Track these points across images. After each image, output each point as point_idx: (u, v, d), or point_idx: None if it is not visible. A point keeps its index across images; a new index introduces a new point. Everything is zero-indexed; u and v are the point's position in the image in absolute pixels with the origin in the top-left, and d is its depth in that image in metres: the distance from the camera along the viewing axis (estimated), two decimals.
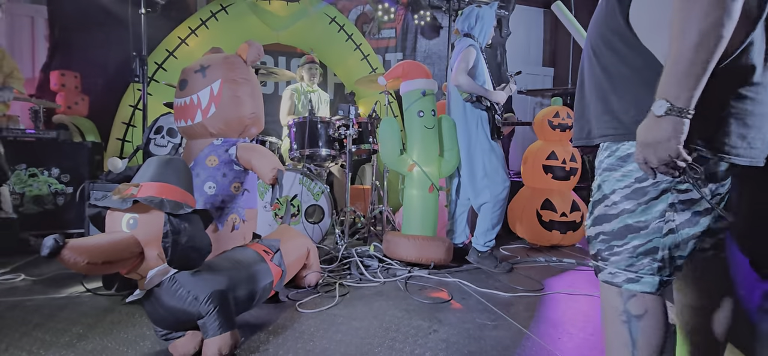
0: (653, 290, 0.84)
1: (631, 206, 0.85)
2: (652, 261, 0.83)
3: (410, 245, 2.39)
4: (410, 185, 2.54)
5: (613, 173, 0.88)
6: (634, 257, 0.85)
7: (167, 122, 2.80)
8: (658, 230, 0.82)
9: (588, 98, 0.96)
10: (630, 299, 0.86)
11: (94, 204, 1.32)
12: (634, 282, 0.85)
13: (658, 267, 0.83)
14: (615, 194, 0.87)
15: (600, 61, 0.91)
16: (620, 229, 0.86)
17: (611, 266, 0.88)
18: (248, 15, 4.26)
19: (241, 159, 1.86)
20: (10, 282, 2.04)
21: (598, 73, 0.92)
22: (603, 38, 0.90)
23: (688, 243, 0.82)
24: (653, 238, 0.83)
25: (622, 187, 0.86)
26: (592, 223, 0.93)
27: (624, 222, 0.85)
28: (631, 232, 0.85)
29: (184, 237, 1.29)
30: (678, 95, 0.73)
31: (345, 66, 4.71)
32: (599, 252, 0.91)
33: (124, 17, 3.90)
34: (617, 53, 0.87)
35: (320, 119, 2.91)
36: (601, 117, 0.90)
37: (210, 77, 1.83)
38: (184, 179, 1.44)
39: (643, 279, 0.84)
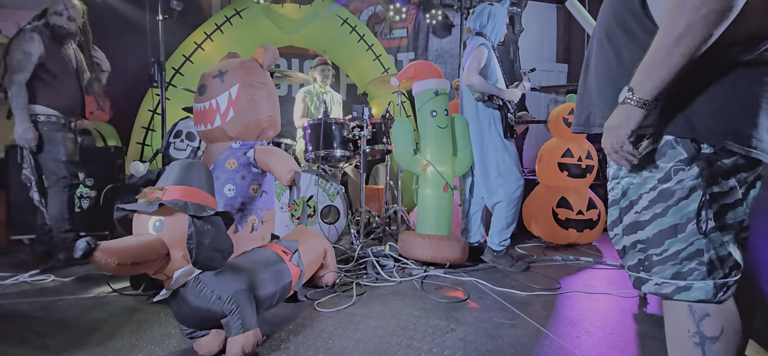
0: (708, 296, 0.76)
1: (660, 209, 0.79)
2: (700, 265, 0.76)
3: (425, 244, 2.40)
4: (424, 185, 2.55)
5: (635, 177, 0.83)
6: (679, 264, 0.78)
7: (186, 126, 2.87)
8: (696, 231, 0.76)
9: (592, 83, 0.91)
10: (703, 319, 0.77)
11: (122, 207, 1.37)
12: (686, 291, 0.77)
13: (707, 269, 0.75)
14: (641, 199, 0.82)
15: (612, 43, 0.85)
16: (655, 236, 0.80)
17: (656, 276, 0.81)
18: (262, 19, 4.32)
19: (259, 162, 1.90)
20: (40, 283, 2.12)
21: (609, 57, 0.86)
22: (617, 19, 0.84)
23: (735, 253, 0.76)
24: (693, 240, 0.76)
25: (648, 190, 0.81)
26: (623, 232, 0.87)
27: (658, 228, 0.79)
28: (667, 237, 0.78)
29: (207, 239, 1.34)
30: (642, 84, 0.72)
31: (357, 67, 4.74)
32: (639, 263, 0.84)
33: (142, 24, 4.01)
34: (633, 36, 0.81)
35: (334, 121, 2.94)
36: (611, 107, 0.84)
37: (228, 82, 1.88)
38: (206, 182, 1.48)
39: (694, 285, 0.76)
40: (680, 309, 0.80)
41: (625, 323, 1.74)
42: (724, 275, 0.76)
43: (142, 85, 4.00)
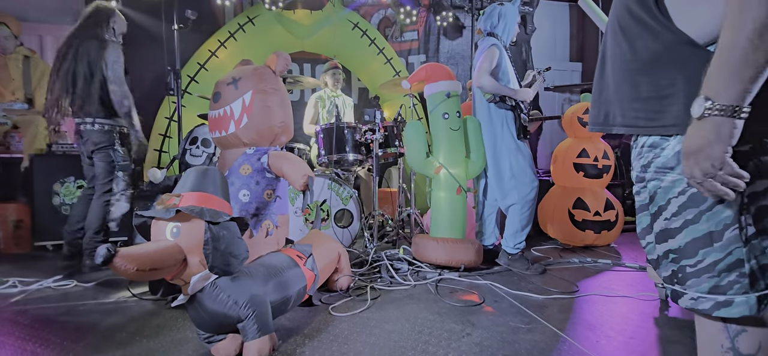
0: (752, 312, 0.67)
1: (692, 215, 0.71)
2: (740, 277, 0.67)
3: (439, 247, 2.38)
4: (437, 188, 2.54)
5: (662, 181, 0.75)
6: (716, 277, 0.69)
7: (202, 132, 2.92)
8: (735, 238, 0.67)
9: (609, 78, 0.85)
10: (739, 335, 0.70)
11: (141, 214, 1.40)
12: (726, 307, 0.68)
13: (749, 281, 0.67)
14: (670, 204, 0.74)
15: (626, 36, 0.79)
16: (688, 245, 0.72)
17: (691, 290, 0.73)
18: (274, 25, 4.37)
19: (273, 167, 1.91)
20: (63, 288, 2.18)
21: (624, 51, 0.80)
22: (630, 9, 0.79)
23: None
24: (733, 249, 0.68)
25: (677, 194, 0.73)
26: (656, 240, 0.79)
27: (690, 236, 0.71)
28: (702, 246, 0.70)
29: (222, 244, 1.35)
30: (722, 90, 0.60)
31: (369, 70, 4.75)
32: (673, 274, 0.76)
33: (159, 34, 4.11)
34: (645, 26, 0.75)
35: (347, 125, 2.96)
36: (630, 104, 0.78)
37: (241, 89, 1.90)
38: (221, 189, 1.50)
39: (736, 300, 0.68)
40: (714, 325, 0.73)
41: (646, 327, 1.69)
42: (766, 286, 0.67)
43: (159, 93, 4.08)
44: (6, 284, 2.18)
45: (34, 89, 3.31)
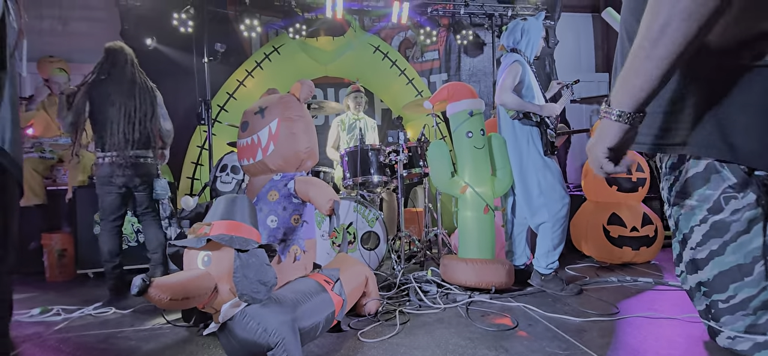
0: None
1: (717, 246, 0.66)
2: None
3: (468, 269, 2.33)
4: (464, 207, 2.50)
5: (682, 207, 0.70)
6: (752, 315, 0.63)
7: (231, 160, 3.01)
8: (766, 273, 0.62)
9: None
10: None
11: (174, 244, 1.44)
12: (767, 349, 0.62)
13: None
14: (694, 233, 0.69)
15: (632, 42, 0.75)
16: (717, 278, 0.67)
17: (727, 328, 0.66)
18: (298, 53, 4.51)
19: (300, 192, 1.94)
20: (103, 315, 2.26)
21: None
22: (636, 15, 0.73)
23: None
24: (766, 285, 0.62)
25: (699, 222, 0.68)
26: (687, 271, 0.74)
27: (718, 268, 0.66)
28: (731, 280, 0.65)
29: (251, 271, 1.37)
30: (617, 94, 0.64)
31: (391, 92, 4.80)
32: (707, 309, 0.70)
33: (190, 67, 4.32)
34: None
35: (371, 147, 2.97)
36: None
37: (268, 118, 1.95)
38: (249, 216, 1.53)
39: None
40: None
41: (694, 352, 1.57)
42: None
43: (192, 123, 4.26)
44: (51, 312, 2.28)
45: None
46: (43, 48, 4.60)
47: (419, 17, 4.71)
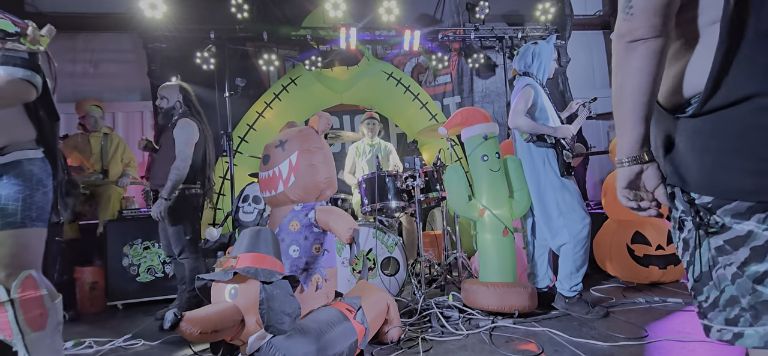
0: (760, 344, 0.69)
1: (688, 257, 0.78)
2: (742, 311, 0.71)
3: (490, 293, 2.31)
4: (483, 231, 2.49)
5: (671, 224, 0.83)
6: (724, 311, 0.73)
7: (252, 190, 3.10)
8: (723, 277, 0.72)
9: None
10: None
11: (202, 277, 1.50)
12: (741, 338, 0.72)
13: (751, 315, 0.70)
14: (679, 247, 0.82)
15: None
16: (695, 282, 0.79)
17: (714, 322, 0.77)
18: (314, 84, 4.66)
19: (320, 222, 1.98)
20: (133, 347, 2.32)
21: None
22: None
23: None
24: (724, 286, 0.72)
25: (677, 239, 0.81)
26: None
27: (693, 274, 0.79)
28: (704, 284, 0.76)
29: (276, 303, 1.41)
30: (617, 146, 0.81)
31: (405, 117, 4.88)
32: (699, 308, 0.81)
33: (212, 101, 4.51)
34: None
35: (387, 173, 3.02)
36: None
37: (288, 150, 2.02)
38: (273, 248, 1.58)
39: (746, 332, 0.71)
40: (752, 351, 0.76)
41: None
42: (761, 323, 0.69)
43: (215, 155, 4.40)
44: (83, 345, 2.36)
45: (109, 161, 3.70)
46: (76, 89, 4.89)
47: (430, 44, 4.82)
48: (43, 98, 1.47)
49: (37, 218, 1.40)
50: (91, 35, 5.04)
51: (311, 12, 4.72)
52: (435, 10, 4.98)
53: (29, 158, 1.41)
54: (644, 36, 0.73)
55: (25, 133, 1.44)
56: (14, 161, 1.37)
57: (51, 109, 1.54)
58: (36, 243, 1.41)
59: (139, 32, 4.46)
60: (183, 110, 2.79)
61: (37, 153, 1.44)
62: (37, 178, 1.41)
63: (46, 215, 1.44)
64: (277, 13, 4.68)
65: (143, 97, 5.06)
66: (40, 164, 1.44)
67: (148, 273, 3.30)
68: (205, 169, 2.80)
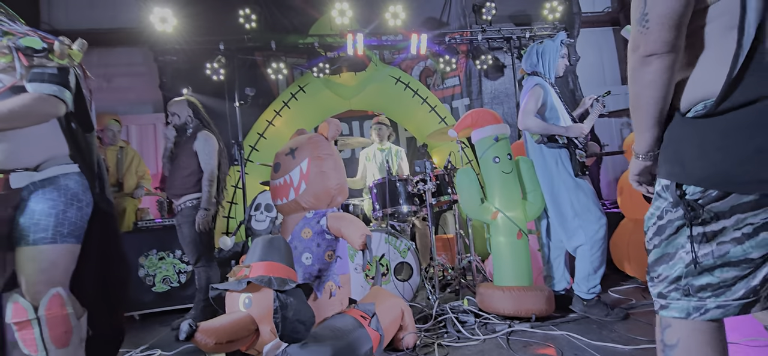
0: (682, 315, 0.85)
1: (658, 241, 0.91)
2: (676, 289, 0.87)
3: (506, 297, 2.27)
4: (496, 233, 2.46)
5: (649, 211, 0.95)
6: (665, 286, 0.89)
7: (264, 199, 3.11)
8: (681, 260, 0.86)
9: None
10: (665, 329, 0.90)
11: (216, 287, 1.50)
12: (665, 309, 0.89)
13: (683, 293, 0.86)
14: (649, 230, 0.94)
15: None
16: (653, 262, 0.93)
17: (653, 295, 0.93)
18: (322, 90, 4.68)
19: (332, 228, 1.98)
20: None
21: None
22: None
23: (717, 271, 0.81)
24: (677, 266, 0.87)
25: (652, 224, 0.93)
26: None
27: (656, 255, 0.92)
28: (660, 264, 0.90)
29: (290, 311, 1.40)
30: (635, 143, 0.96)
31: (415, 120, 4.87)
32: (650, 280, 0.95)
33: (222, 111, 4.56)
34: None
35: (398, 178, 3.01)
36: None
37: (298, 158, 2.03)
38: (285, 256, 1.58)
39: (671, 304, 0.88)
40: (657, 320, 0.94)
41: None
42: (699, 299, 0.84)
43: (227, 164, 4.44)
44: None
45: (124, 174, 3.76)
46: None
47: (437, 47, 4.81)
48: (76, 111, 1.49)
49: (69, 235, 1.40)
50: (104, 51, 5.14)
51: (318, 20, 4.76)
52: (441, 13, 4.98)
53: (65, 173, 1.42)
54: (658, 51, 0.80)
55: (60, 148, 1.45)
56: (50, 177, 1.39)
57: (86, 121, 1.55)
58: (66, 260, 1.41)
59: (149, 46, 4.54)
60: (195, 123, 2.84)
61: (72, 168, 1.45)
62: (72, 193, 1.42)
63: (79, 231, 1.44)
64: (284, 23, 4.72)
65: (155, 109, 5.13)
66: (76, 178, 1.45)
67: (163, 283, 3.33)
68: (220, 180, 2.84)
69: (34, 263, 1.33)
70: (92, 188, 1.51)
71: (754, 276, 0.79)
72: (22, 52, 1.29)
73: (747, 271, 0.79)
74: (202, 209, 2.63)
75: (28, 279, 1.33)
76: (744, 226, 0.79)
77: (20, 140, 1.35)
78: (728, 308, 0.82)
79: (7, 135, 1.32)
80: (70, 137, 1.49)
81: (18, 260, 1.34)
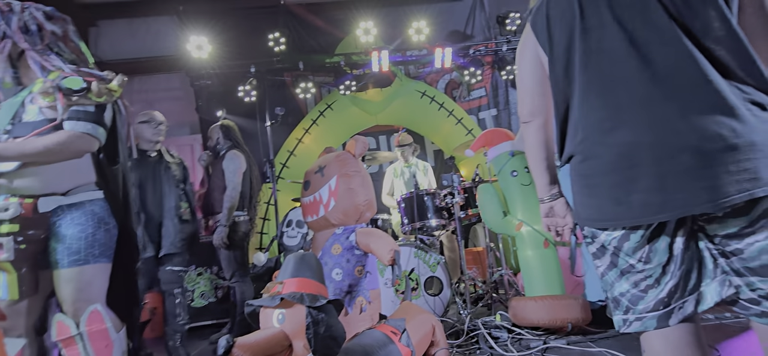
0: (619, 327, 0.91)
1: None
2: (610, 302, 0.94)
3: (539, 307, 2.21)
4: (523, 246, 2.42)
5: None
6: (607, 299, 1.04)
7: (295, 215, 3.20)
8: (600, 277, 0.96)
9: None
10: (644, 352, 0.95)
11: (250, 303, 1.55)
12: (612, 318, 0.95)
13: (613, 306, 0.93)
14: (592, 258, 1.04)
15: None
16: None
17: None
18: (349, 107, 4.78)
19: (361, 244, 2.01)
20: None
21: None
22: None
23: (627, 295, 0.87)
24: (602, 283, 0.97)
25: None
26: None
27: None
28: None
29: (322, 327, 1.43)
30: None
31: (441, 133, 4.87)
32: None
33: (254, 131, 4.74)
34: None
35: (426, 192, 3.01)
36: None
37: (327, 175, 2.08)
38: (317, 272, 1.61)
39: (613, 317, 0.93)
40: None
41: None
42: (622, 313, 0.89)
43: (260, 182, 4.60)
44: None
45: None
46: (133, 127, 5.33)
47: (462, 60, 4.81)
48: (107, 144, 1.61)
49: (101, 255, 1.51)
50: (146, 77, 5.48)
51: (343, 39, 4.89)
52: (465, 26, 4.99)
53: (91, 199, 1.53)
54: (529, 119, 1.05)
55: (88, 176, 1.57)
56: (77, 202, 1.50)
57: (112, 154, 1.67)
58: (100, 278, 1.51)
59: (186, 71, 4.80)
60: (227, 144, 2.98)
61: (98, 194, 1.56)
62: (98, 217, 1.52)
63: (110, 250, 1.55)
64: (311, 43, 4.88)
65: (192, 131, 5.40)
66: (101, 203, 1.56)
67: (201, 297, 3.46)
68: (251, 197, 2.94)
69: (72, 284, 1.43)
70: (116, 213, 1.61)
71: (660, 288, 0.84)
72: (62, 92, 1.40)
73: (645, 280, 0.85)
74: (219, 226, 2.71)
75: (67, 299, 1.43)
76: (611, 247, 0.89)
77: (52, 169, 1.46)
78: (644, 320, 0.86)
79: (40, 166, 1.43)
80: (98, 166, 1.61)
81: (56, 282, 1.45)
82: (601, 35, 0.85)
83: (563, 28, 0.90)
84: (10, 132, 1.44)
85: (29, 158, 1.39)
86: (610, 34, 0.84)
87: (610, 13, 0.84)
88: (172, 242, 2.42)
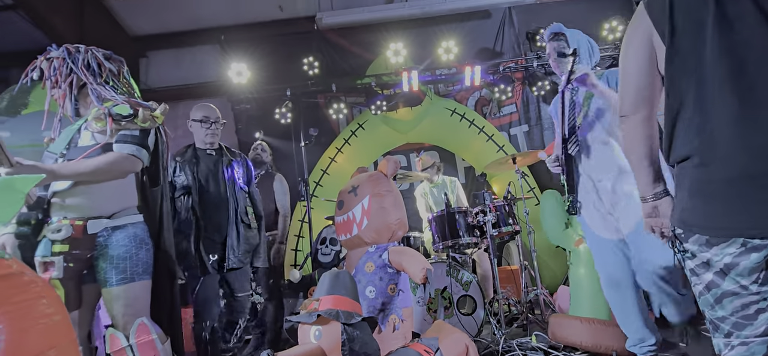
0: (718, 351, 0.86)
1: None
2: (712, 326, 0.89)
3: (584, 329, 2.14)
4: (578, 264, 2.34)
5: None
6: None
7: (329, 233, 3.27)
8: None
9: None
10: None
11: (289, 319, 1.62)
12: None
13: (712, 327, 0.88)
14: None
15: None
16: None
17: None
18: (380, 126, 4.87)
19: (393, 262, 2.04)
20: None
21: None
22: None
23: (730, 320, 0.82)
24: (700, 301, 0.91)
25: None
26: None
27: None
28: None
29: (357, 344, 1.47)
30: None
31: (472, 150, 4.85)
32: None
33: (290, 151, 4.92)
34: None
35: (458, 209, 3.01)
36: None
37: (360, 195, 2.15)
38: (351, 290, 1.67)
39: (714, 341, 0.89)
40: None
41: None
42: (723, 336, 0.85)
43: (293, 200, 4.75)
44: None
45: None
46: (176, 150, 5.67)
47: (491, 77, 4.81)
48: (149, 166, 1.77)
49: (144, 272, 1.65)
50: (190, 102, 5.81)
51: (374, 60, 5.02)
52: (494, 43, 5.00)
53: (133, 222, 1.68)
54: (631, 112, 0.98)
55: (131, 200, 1.72)
56: (121, 224, 1.65)
57: (155, 175, 1.83)
58: (144, 294, 1.65)
59: (228, 96, 5.08)
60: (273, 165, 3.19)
61: (138, 218, 1.71)
62: (140, 238, 1.67)
63: (150, 268, 1.69)
64: (343, 66, 5.05)
65: None
66: (141, 226, 1.71)
67: None
68: None
69: (120, 301, 1.57)
70: (153, 235, 1.75)
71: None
72: (112, 118, 1.56)
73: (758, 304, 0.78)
74: (277, 244, 2.84)
75: (116, 314, 1.57)
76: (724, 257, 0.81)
77: (101, 193, 1.62)
78: (751, 345, 0.79)
79: (90, 188, 1.60)
80: (141, 191, 1.75)
81: (106, 300, 1.59)
82: (741, 26, 0.75)
83: (691, 15, 0.80)
84: (65, 155, 1.64)
85: (81, 177, 1.56)
86: (751, 24, 0.74)
87: (751, 1, 0.74)
88: (236, 255, 2.32)
